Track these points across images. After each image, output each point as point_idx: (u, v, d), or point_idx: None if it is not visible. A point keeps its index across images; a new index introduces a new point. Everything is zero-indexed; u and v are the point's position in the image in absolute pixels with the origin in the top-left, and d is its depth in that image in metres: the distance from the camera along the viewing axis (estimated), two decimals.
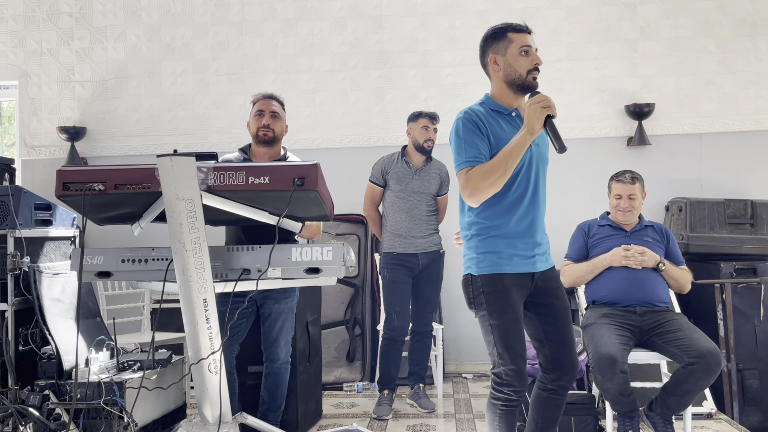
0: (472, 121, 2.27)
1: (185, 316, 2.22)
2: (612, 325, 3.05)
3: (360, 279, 4.74)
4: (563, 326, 2.35)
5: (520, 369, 2.24)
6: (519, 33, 2.32)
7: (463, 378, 4.69)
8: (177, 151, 2.17)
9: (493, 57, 2.35)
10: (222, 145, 4.90)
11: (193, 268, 2.17)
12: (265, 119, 2.95)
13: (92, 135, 5.12)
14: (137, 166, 2.21)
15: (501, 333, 2.24)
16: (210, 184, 2.17)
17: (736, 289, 4.01)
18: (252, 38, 5.05)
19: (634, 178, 3.36)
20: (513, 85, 2.31)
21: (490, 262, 2.28)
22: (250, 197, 2.23)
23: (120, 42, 5.13)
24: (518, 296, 2.27)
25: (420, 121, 3.81)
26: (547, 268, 2.38)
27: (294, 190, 2.12)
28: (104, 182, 2.18)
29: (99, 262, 2.39)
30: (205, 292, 2.20)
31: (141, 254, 2.38)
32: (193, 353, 2.25)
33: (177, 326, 3.81)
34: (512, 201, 2.28)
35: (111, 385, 2.57)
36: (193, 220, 2.15)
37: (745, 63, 4.73)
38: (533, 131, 2.13)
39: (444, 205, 4.00)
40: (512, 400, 2.27)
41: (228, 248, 2.36)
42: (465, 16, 4.93)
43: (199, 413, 2.31)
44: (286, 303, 2.95)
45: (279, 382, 3.02)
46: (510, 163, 2.16)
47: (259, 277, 2.29)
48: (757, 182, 4.66)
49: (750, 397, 3.98)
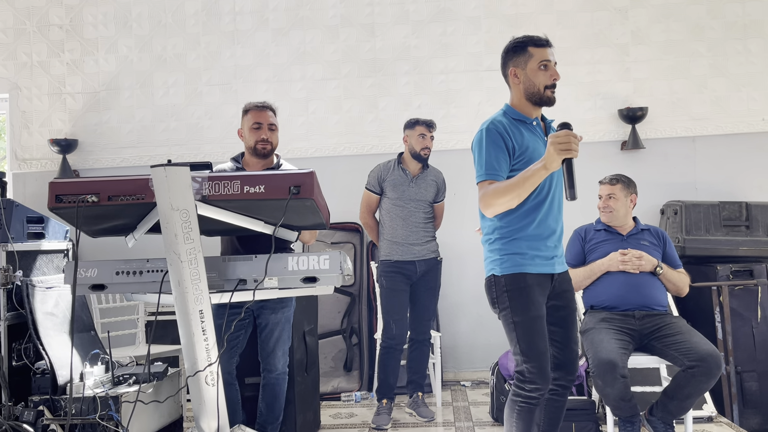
0: (497, 132, 2.33)
1: (181, 328, 2.19)
2: (611, 329, 3.04)
3: (356, 288, 4.71)
4: (569, 328, 2.43)
5: (543, 367, 2.28)
6: (539, 48, 2.38)
7: (462, 386, 4.66)
8: (171, 161, 2.14)
9: (513, 70, 2.42)
10: (215, 155, 4.88)
11: (189, 279, 2.14)
12: (264, 133, 2.90)
13: (84, 147, 5.09)
14: (131, 177, 2.18)
15: (524, 330, 2.29)
16: (205, 193, 2.15)
17: (733, 291, 4.00)
18: (244, 48, 5.04)
19: (614, 179, 3.40)
20: (531, 99, 2.39)
21: (513, 263, 2.34)
22: (246, 206, 2.21)
23: (111, 53, 5.11)
24: (540, 295, 2.34)
25: (417, 129, 3.81)
26: (564, 271, 2.47)
27: (290, 199, 2.10)
28: (97, 194, 2.16)
29: (93, 275, 2.36)
30: (201, 304, 2.17)
31: (136, 266, 2.35)
32: (189, 365, 2.22)
33: (172, 338, 3.77)
34: (533, 206, 2.36)
35: (106, 400, 2.54)
36: (188, 230, 2.12)
37: (736, 66, 4.75)
38: (549, 168, 2.18)
39: (441, 212, 3.99)
40: (533, 398, 2.30)
41: (224, 258, 2.33)
42: (457, 23, 4.93)
43: (197, 426, 2.27)
44: (282, 313, 2.92)
45: (277, 393, 2.98)
46: (523, 190, 2.22)
47: (255, 287, 2.27)
48: (751, 184, 4.67)
49: (749, 399, 3.97)
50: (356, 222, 4.71)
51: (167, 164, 2.09)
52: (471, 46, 4.93)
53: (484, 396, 4.32)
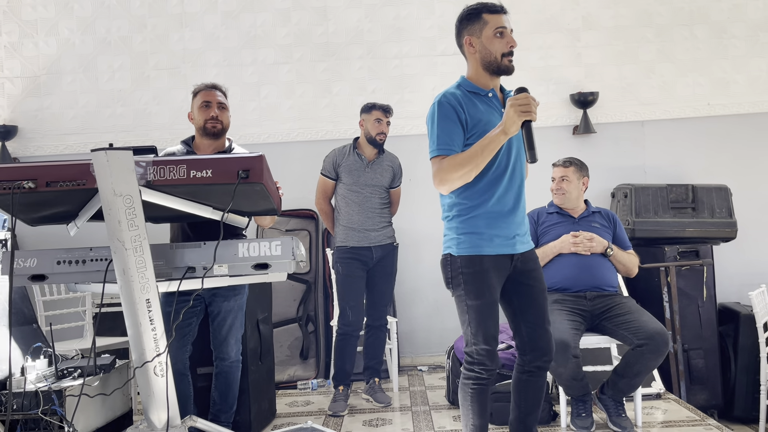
0: (449, 105, 2.25)
1: (127, 318, 2.12)
2: (563, 310, 3.08)
3: (312, 275, 4.67)
4: (540, 307, 2.37)
5: (492, 349, 2.27)
6: (494, 14, 2.30)
7: (419, 370, 4.68)
8: (113, 145, 2.05)
9: (468, 39, 2.33)
10: (164, 141, 4.74)
11: (134, 268, 2.07)
12: (213, 111, 2.84)
13: (24, 134, 4.88)
14: (70, 162, 2.09)
15: (476, 314, 2.26)
16: (149, 178, 2.07)
17: (680, 271, 4.12)
18: (193, 31, 4.89)
19: (567, 162, 3.44)
20: (488, 68, 2.31)
21: (470, 243, 2.28)
22: (193, 192, 2.14)
23: (52, 36, 4.90)
24: (497, 278, 2.29)
25: (373, 114, 3.76)
26: (527, 250, 2.39)
27: (238, 183, 2.04)
28: (35, 180, 2.06)
29: (32, 265, 2.26)
30: (147, 292, 2.10)
31: (78, 255, 2.26)
32: (137, 356, 2.15)
33: (122, 330, 3.62)
34: (492, 180, 2.28)
35: (49, 394, 2.44)
36: (132, 217, 2.05)
37: (683, 51, 4.85)
38: (508, 132, 2.14)
39: (397, 198, 3.96)
40: (482, 378, 2.29)
41: (171, 245, 2.26)
42: (411, 7, 4.89)
43: (146, 419, 2.21)
44: (235, 301, 2.86)
45: (230, 381, 2.93)
46: (481, 159, 2.17)
47: (204, 274, 2.21)
48: (697, 167, 4.79)
49: (696, 376, 4.09)
50: (311, 209, 4.65)
51: (109, 148, 2.01)
52: (425, 30, 4.90)
53: (440, 380, 4.34)
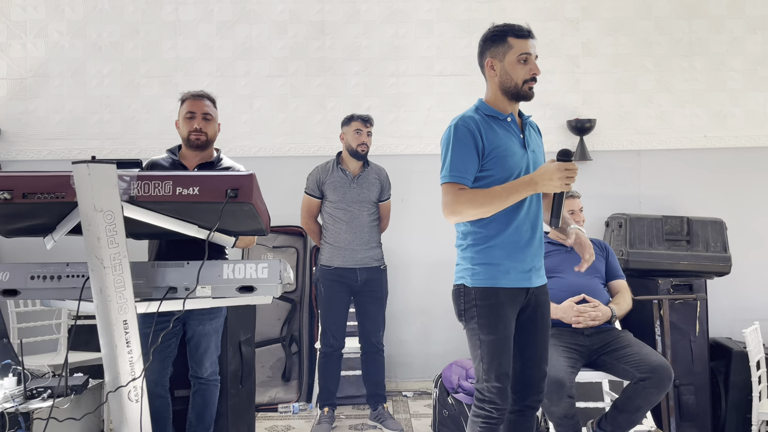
0: (467, 130, 2.16)
1: (102, 338, 2.00)
2: (560, 346, 2.99)
3: (298, 294, 4.55)
4: (539, 346, 2.29)
5: (504, 387, 2.17)
6: (520, 39, 2.21)
7: (404, 396, 4.56)
8: (96, 157, 1.95)
9: (490, 61, 2.25)
10: (151, 151, 4.60)
11: (113, 287, 1.95)
12: (197, 122, 2.74)
13: (7, 137, 4.74)
14: (49, 174, 1.97)
15: (490, 349, 2.16)
16: (133, 194, 1.96)
17: (673, 305, 4.04)
18: (186, 39, 4.80)
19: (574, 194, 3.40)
20: (507, 93, 2.24)
21: (486, 275, 2.18)
22: (178, 209, 2.03)
23: (40, 38, 4.78)
24: (511, 312, 2.19)
25: (352, 125, 3.66)
26: (542, 284, 2.31)
27: (226, 203, 1.94)
28: (10, 190, 1.94)
29: (4, 279, 2.13)
30: (125, 313, 1.98)
31: (53, 270, 2.14)
32: (111, 380, 2.02)
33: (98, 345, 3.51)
34: (511, 208, 2.18)
35: (16, 416, 2.30)
36: (112, 234, 1.93)
37: (681, 82, 4.82)
38: (539, 189, 2.09)
39: (387, 212, 3.85)
40: (493, 417, 2.18)
41: (153, 264, 2.15)
42: (409, 26, 4.84)
43: None
44: (210, 324, 2.74)
45: (207, 400, 2.82)
46: (502, 204, 2.11)
47: (186, 296, 2.09)
48: (693, 199, 4.75)
49: (686, 412, 4.01)
50: (300, 225, 4.54)
51: (91, 161, 1.90)
52: (423, 49, 4.84)
53: (426, 408, 4.23)
